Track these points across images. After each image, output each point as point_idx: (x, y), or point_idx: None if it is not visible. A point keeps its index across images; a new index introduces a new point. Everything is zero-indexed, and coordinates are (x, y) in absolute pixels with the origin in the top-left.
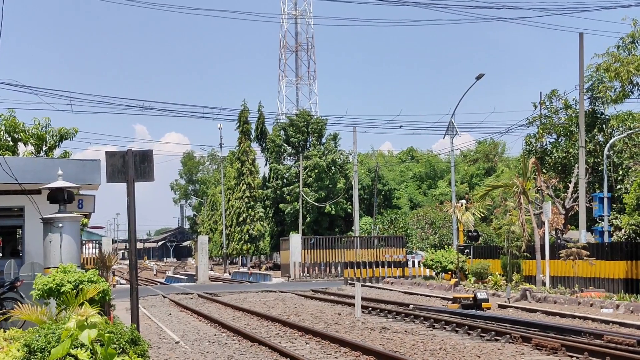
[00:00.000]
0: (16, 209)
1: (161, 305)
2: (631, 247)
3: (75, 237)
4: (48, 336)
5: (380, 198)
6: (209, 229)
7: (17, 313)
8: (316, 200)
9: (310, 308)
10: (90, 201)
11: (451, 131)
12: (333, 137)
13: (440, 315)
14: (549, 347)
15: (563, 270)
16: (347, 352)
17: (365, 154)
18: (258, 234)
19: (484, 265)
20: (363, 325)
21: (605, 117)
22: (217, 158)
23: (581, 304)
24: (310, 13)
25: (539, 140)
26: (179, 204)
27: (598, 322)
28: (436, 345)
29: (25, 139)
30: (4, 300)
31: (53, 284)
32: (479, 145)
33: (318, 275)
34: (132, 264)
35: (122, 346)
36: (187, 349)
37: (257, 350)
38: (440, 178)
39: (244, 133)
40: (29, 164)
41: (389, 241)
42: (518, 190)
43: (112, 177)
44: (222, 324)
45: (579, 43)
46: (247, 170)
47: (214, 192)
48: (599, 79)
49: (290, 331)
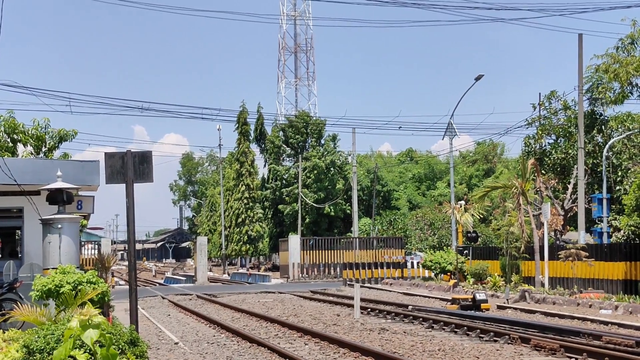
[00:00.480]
0: (15, 210)
1: (160, 306)
2: (630, 248)
3: (74, 238)
4: (47, 337)
5: (379, 199)
6: (208, 230)
7: (16, 314)
8: (315, 201)
9: (309, 309)
10: (90, 202)
11: (450, 132)
12: (332, 138)
13: (439, 316)
14: (548, 348)
15: (562, 271)
16: (346, 353)
17: (364, 155)
18: (257, 235)
19: (482, 266)
20: (362, 326)
21: (604, 118)
22: (216, 159)
23: (580, 305)
24: (309, 14)
25: (538, 141)
26: (178, 205)
27: (597, 323)
28: (435, 346)
29: (25, 140)
30: (3, 301)
31: (52, 285)
32: (478, 146)
33: (317, 276)
34: (131, 265)
35: (121, 347)
36: (186, 350)
37: (256, 351)
38: (439, 179)
39: (243, 134)
40: (28, 165)
41: (388, 242)
42: (517, 191)
43: (111, 178)
44: (221, 325)
45: (578, 44)
46: (246, 171)
47: (213, 193)
48: (599, 79)
49: (289, 332)
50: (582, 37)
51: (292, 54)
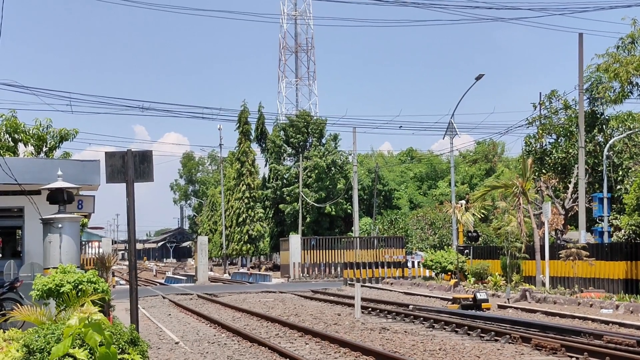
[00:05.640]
0: (16, 209)
1: (161, 305)
2: (631, 247)
3: (74, 237)
4: (47, 337)
5: (380, 198)
6: (209, 230)
7: (17, 314)
8: (316, 200)
9: (310, 308)
10: (90, 202)
11: (451, 131)
12: (333, 137)
13: (439, 316)
14: (549, 348)
15: (563, 271)
16: (346, 352)
17: (365, 155)
18: (258, 235)
19: (483, 266)
20: (363, 326)
21: (605, 118)
22: (216, 158)
23: (581, 304)
24: (309, 13)
25: (538, 141)
26: (179, 204)
27: (598, 322)
28: (436, 345)
29: (26, 140)
30: (4, 300)
31: (52, 285)
32: (478, 145)
33: (318, 275)
34: (132, 264)
35: (122, 346)
36: (186, 349)
37: (256, 351)
38: (440, 178)
39: (244, 133)
40: (28, 165)
41: (389, 242)
42: (518, 190)
43: (111, 178)
44: (222, 325)
45: (579, 43)
46: (246, 171)
47: (214, 193)
48: (598, 79)
49: (290, 332)
50: (582, 36)
51: (292, 53)
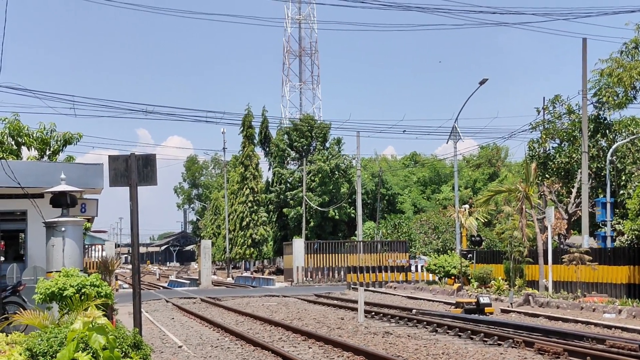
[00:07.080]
0: (19, 212)
1: (164, 309)
2: (634, 252)
3: (77, 241)
4: (50, 340)
5: (384, 203)
6: (212, 234)
7: (20, 317)
8: (319, 204)
9: (313, 313)
10: (93, 205)
11: (454, 136)
12: (337, 141)
13: (443, 320)
14: (552, 352)
15: (566, 275)
16: (349, 356)
17: (368, 159)
18: (261, 239)
19: (486, 270)
20: (366, 330)
21: (608, 123)
22: (220, 162)
23: (584, 308)
24: (313, 18)
25: (542, 146)
26: (182, 208)
27: (600, 327)
28: (439, 349)
29: (29, 143)
30: (7, 304)
31: (55, 288)
32: (481, 150)
33: (321, 279)
34: (135, 268)
35: (125, 350)
36: (189, 353)
37: (260, 355)
38: (444, 183)
39: (248, 137)
40: (31, 168)
41: (392, 246)
42: (521, 195)
43: (115, 181)
44: (225, 329)
45: (583, 48)
46: (250, 175)
47: (217, 197)
48: (605, 83)
49: (293, 336)
50: (586, 41)
51: (296, 57)
